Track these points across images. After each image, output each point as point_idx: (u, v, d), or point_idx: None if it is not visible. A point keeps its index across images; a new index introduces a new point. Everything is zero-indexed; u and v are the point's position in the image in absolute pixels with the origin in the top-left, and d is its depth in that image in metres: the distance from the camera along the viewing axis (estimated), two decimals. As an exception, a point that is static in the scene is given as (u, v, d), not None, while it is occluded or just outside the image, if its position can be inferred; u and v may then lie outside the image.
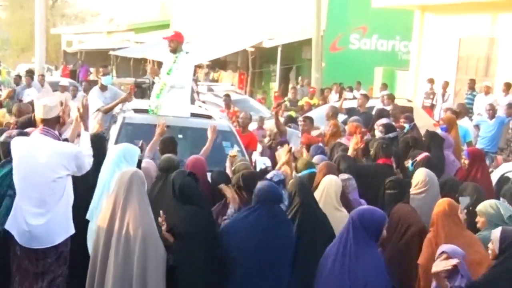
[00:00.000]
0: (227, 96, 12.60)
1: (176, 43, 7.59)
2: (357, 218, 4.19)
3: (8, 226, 4.74)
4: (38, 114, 4.85)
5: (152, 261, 4.28)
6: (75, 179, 4.99)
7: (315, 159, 6.20)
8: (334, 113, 10.42)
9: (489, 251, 4.13)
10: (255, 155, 7.88)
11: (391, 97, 11.46)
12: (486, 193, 5.88)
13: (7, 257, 4.84)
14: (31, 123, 6.07)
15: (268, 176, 5.36)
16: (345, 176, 5.69)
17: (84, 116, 5.12)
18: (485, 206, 4.93)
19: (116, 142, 6.72)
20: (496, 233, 4.04)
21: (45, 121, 4.80)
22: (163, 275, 4.36)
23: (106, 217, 4.45)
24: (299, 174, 5.57)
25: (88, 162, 4.94)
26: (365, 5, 19.92)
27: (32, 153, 4.71)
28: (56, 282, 4.78)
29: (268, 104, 19.68)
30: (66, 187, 4.78)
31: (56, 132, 4.89)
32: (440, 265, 4.05)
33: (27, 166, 4.71)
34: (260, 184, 4.65)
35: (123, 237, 4.29)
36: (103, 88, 8.08)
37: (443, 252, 4.14)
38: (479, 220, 4.91)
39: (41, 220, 4.68)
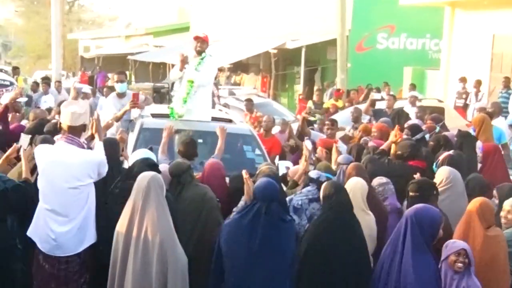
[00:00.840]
0: (249, 100, 12.66)
1: (206, 45, 7.66)
2: (412, 216, 4.33)
3: (30, 233, 4.85)
4: (65, 121, 4.96)
5: (171, 267, 4.34)
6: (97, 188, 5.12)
7: (340, 158, 6.21)
8: (359, 115, 10.46)
9: None
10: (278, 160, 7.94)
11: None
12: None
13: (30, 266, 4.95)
14: (56, 130, 6.21)
15: (313, 175, 5.37)
16: (383, 180, 5.70)
17: (98, 128, 5.22)
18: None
19: (135, 148, 6.80)
20: None
21: (71, 128, 4.93)
22: (183, 281, 4.41)
23: (124, 222, 4.53)
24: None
25: (105, 169, 5.07)
26: (392, 3, 19.88)
27: (58, 162, 4.83)
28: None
29: (292, 107, 19.73)
30: (90, 195, 4.89)
31: (81, 140, 5.01)
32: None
33: (52, 174, 4.82)
34: (258, 181, 4.71)
35: (142, 243, 4.36)
36: (120, 95, 8.18)
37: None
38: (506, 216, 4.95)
39: (65, 228, 4.79)
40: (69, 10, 46.78)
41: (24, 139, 5.07)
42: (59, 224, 4.80)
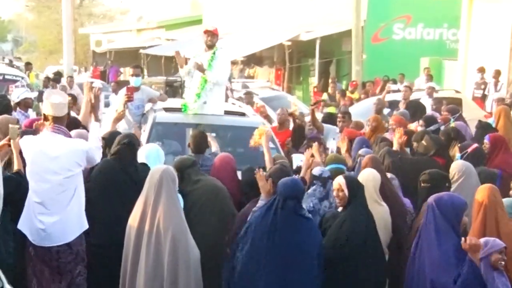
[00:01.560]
0: (248, 93, 12.71)
1: (216, 38, 7.75)
2: (434, 203, 4.43)
3: (20, 225, 4.95)
4: (49, 112, 5.05)
5: (183, 260, 4.44)
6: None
7: (361, 151, 6.27)
8: (382, 106, 10.47)
9: None
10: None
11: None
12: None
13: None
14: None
15: (316, 172, 5.43)
16: (388, 175, 5.77)
17: (95, 106, 5.31)
18: None
19: (147, 142, 6.91)
20: None
21: (56, 119, 5.01)
22: (196, 274, 4.51)
23: (136, 216, 4.63)
24: (327, 168, 5.65)
25: (98, 155, 5.17)
26: (408, -7, 19.86)
27: (44, 152, 4.92)
28: (76, 282, 4.98)
29: (306, 100, 19.77)
30: (78, 184, 4.99)
31: (66, 129, 5.10)
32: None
33: (40, 165, 4.92)
34: (284, 179, 4.75)
35: (154, 237, 4.46)
36: (134, 89, 8.29)
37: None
38: None
39: (54, 218, 4.88)
40: (80, 4, 47.01)
41: (13, 131, 5.15)
42: (48, 214, 4.88)
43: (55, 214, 4.89)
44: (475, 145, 6.68)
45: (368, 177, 5.22)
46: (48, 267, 4.94)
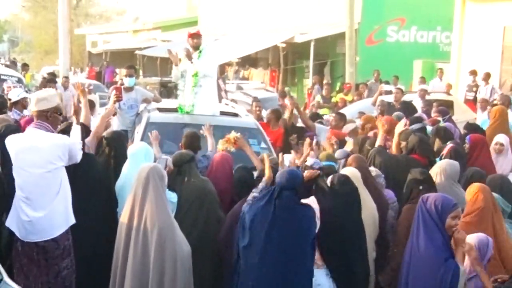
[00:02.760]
0: (257, 101, 12.84)
1: (201, 39, 7.90)
2: (421, 202, 4.53)
3: (8, 222, 5.03)
4: (32, 107, 5.17)
5: (169, 256, 4.52)
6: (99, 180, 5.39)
7: (337, 153, 6.43)
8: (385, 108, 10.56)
9: None
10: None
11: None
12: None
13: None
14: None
15: (308, 163, 5.58)
16: (374, 173, 5.91)
17: (78, 110, 5.58)
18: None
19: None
20: None
21: (37, 113, 5.08)
22: (183, 270, 4.59)
23: (126, 213, 4.75)
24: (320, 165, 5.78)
25: (80, 154, 5.23)
26: (402, -5, 20.02)
27: (28, 148, 5.00)
28: (62, 275, 5.04)
29: (301, 101, 19.88)
30: (63, 180, 5.05)
31: (48, 125, 5.12)
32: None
33: (24, 160, 4.99)
34: (282, 170, 4.91)
35: (141, 233, 4.57)
36: (128, 89, 8.41)
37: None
38: None
39: (40, 213, 4.94)
40: (77, 4, 47.08)
41: None
42: (33, 209, 4.94)
43: (41, 209, 4.96)
44: (450, 145, 6.79)
45: (356, 175, 5.36)
46: (35, 262, 5.01)
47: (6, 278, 3.40)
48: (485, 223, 4.83)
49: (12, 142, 5.11)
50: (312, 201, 5.03)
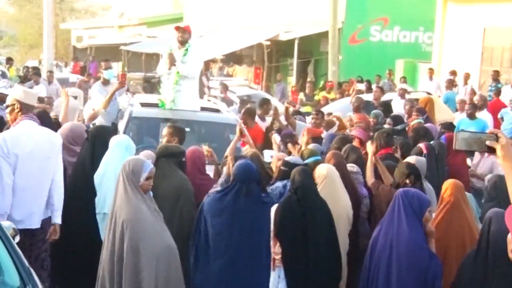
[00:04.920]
0: (223, 85, 13.01)
1: (188, 35, 7.98)
2: (402, 194, 4.71)
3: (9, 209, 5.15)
4: (21, 98, 5.28)
5: (129, 247, 4.57)
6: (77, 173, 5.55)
7: (311, 146, 6.57)
8: (359, 104, 10.73)
9: None
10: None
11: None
12: (461, 180, 6.29)
13: None
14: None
15: (288, 158, 5.74)
16: (353, 169, 6.06)
17: None
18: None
19: (123, 136, 7.11)
20: None
21: (26, 108, 5.26)
22: (149, 262, 4.59)
23: (110, 206, 4.88)
24: (305, 161, 5.93)
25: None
26: (386, -5, 20.24)
27: (29, 139, 5.17)
28: (41, 257, 5.28)
29: (284, 98, 20.04)
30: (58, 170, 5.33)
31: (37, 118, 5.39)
32: None
33: (21, 149, 5.14)
34: (238, 163, 5.07)
35: (112, 225, 4.68)
36: (106, 82, 8.56)
37: None
38: None
39: (39, 201, 5.19)
40: (62, -1, 46.89)
41: None
42: (35, 197, 5.18)
43: (40, 197, 5.19)
44: (425, 143, 6.97)
45: (331, 169, 5.50)
46: (19, 245, 5.16)
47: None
48: (454, 219, 5.00)
49: (11, 137, 5.21)
50: None
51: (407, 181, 5.51)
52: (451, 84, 15.64)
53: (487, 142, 2.72)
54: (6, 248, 3.50)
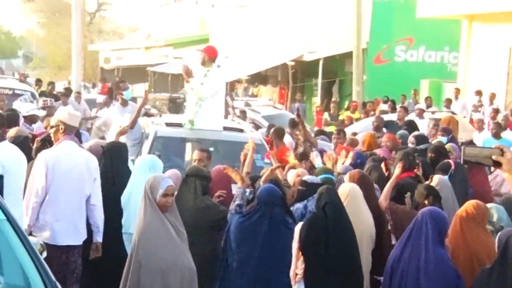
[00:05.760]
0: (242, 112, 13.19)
1: (205, 57, 8.13)
2: (429, 214, 4.71)
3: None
4: (64, 119, 5.58)
5: (134, 261, 4.74)
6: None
7: (340, 168, 6.61)
8: (379, 123, 10.80)
9: None
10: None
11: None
12: (486, 197, 6.26)
13: None
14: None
15: (305, 178, 5.80)
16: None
17: None
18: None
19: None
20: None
21: (70, 128, 5.58)
22: (143, 273, 4.70)
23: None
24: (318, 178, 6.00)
25: None
26: (410, 16, 20.21)
27: (69, 159, 5.45)
28: (76, 271, 5.55)
29: (309, 119, 20.12)
30: (95, 190, 5.57)
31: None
32: None
33: (65, 172, 5.42)
34: (262, 187, 5.14)
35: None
36: (124, 103, 8.76)
37: None
38: None
39: (76, 220, 5.43)
40: (90, 21, 47.72)
41: None
42: (75, 215, 5.47)
43: (78, 215, 5.48)
44: (447, 161, 6.98)
45: (354, 188, 5.55)
46: (59, 263, 5.38)
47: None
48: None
49: (51, 155, 5.49)
50: None
51: (426, 201, 5.52)
52: (476, 108, 15.60)
53: (493, 157, 2.80)
54: (34, 263, 3.59)
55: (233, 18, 29.28)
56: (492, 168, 7.25)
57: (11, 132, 6.55)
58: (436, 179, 6.05)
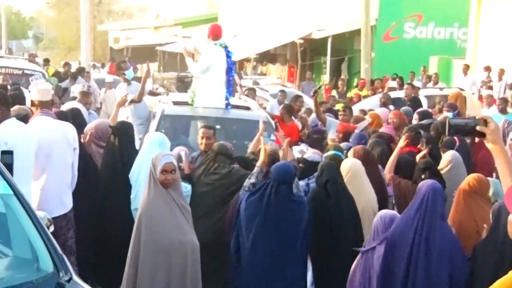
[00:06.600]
0: (251, 89, 13.27)
1: (213, 35, 8.19)
2: (431, 190, 4.66)
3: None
4: (35, 97, 5.66)
5: (135, 239, 4.86)
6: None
7: (342, 145, 6.67)
8: (387, 100, 10.82)
9: None
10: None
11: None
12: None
13: None
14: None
15: (306, 156, 5.84)
16: None
17: None
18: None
19: (156, 132, 7.32)
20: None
21: (43, 103, 5.64)
22: (142, 251, 4.78)
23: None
24: (325, 154, 6.05)
25: None
26: (419, -8, 20.17)
27: (47, 133, 5.49)
28: (68, 244, 5.56)
29: (319, 98, 20.13)
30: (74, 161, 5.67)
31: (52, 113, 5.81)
32: None
33: (48, 144, 5.46)
34: (276, 164, 5.15)
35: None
36: (128, 82, 8.91)
37: None
38: None
39: (62, 191, 5.52)
40: (99, 1, 47.66)
41: None
42: (59, 186, 5.51)
43: (63, 186, 5.50)
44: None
45: (356, 163, 5.60)
46: None
47: (75, 277, 3.60)
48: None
49: (21, 130, 5.45)
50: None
51: (423, 176, 5.57)
52: (485, 84, 15.56)
53: (477, 127, 2.84)
54: (41, 237, 3.69)
55: (242, -4, 29.21)
56: None
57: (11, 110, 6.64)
58: (449, 156, 6.10)
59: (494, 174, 6.26)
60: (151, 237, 4.71)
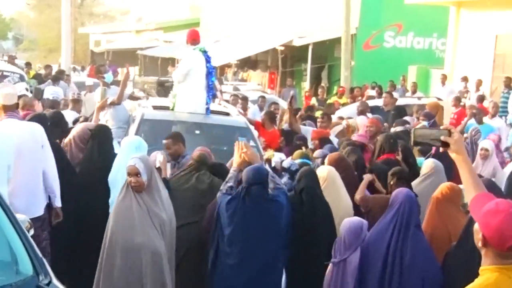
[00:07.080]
0: (244, 99, 13.30)
1: (191, 40, 8.27)
2: (406, 199, 4.73)
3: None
4: (0, 101, 5.64)
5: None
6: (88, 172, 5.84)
7: (316, 153, 6.75)
8: (364, 109, 10.94)
9: None
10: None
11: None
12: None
13: None
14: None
15: (285, 164, 5.88)
16: None
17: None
18: None
19: (134, 137, 7.34)
20: None
21: (7, 107, 5.63)
22: (105, 252, 4.85)
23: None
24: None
25: None
26: (399, 2, 20.35)
27: (15, 134, 5.45)
28: (42, 246, 5.46)
29: (299, 104, 20.24)
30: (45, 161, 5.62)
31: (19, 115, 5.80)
32: None
33: (16, 145, 5.40)
34: (248, 167, 5.20)
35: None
36: (107, 85, 8.97)
37: None
38: None
39: (33, 192, 5.48)
40: (81, 3, 47.42)
41: None
42: (29, 188, 5.48)
43: (34, 188, 5.49)
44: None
45: (332, 171, 5.68)
46: None
47: (54, 280, 3.60)
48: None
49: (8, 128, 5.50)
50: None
51: (391, 182, 5.65)
52: (462, 95, 15.75)
53: (442, 138, 2.91)
54: (21, 240, 3.70)
55: (223, 2, 29.26)
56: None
57: None
58: (430, 163, 6.19)
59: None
60: (111, 238, 4.77)
